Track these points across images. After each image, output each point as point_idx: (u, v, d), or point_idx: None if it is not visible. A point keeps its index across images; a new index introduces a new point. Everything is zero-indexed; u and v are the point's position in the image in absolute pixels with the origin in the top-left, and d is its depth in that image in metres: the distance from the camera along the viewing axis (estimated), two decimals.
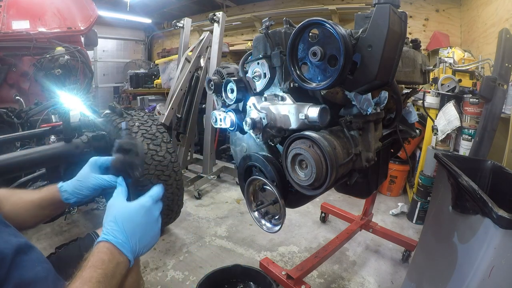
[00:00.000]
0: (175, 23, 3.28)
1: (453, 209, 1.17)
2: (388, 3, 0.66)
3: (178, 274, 1.83)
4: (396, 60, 0.74)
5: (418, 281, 1.43)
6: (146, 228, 0.69)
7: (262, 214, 1.00)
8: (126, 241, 0.63)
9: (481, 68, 2.30)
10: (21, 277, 0.47)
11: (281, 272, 1.57)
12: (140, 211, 0.69)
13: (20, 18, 2.47)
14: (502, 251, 0.87)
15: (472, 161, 1.49)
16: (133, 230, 0.66)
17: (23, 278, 0.47)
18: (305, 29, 0.72)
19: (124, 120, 1.80)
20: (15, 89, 2.58)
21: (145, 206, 0.71)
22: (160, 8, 5.69)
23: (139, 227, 0.67)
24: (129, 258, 0.64)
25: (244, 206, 2.71)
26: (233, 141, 1.12)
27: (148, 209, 0.71)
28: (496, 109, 1.85)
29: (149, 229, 0.70)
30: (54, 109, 2.01)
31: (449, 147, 2.37)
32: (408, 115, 1.28)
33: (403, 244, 1.95)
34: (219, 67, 1.11)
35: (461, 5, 3.35)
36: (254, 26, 4.98)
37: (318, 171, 0.72)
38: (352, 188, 1.22)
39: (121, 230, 0.64)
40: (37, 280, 0.49)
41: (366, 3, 3.64)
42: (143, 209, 0.70)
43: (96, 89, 6.24)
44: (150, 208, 0.72)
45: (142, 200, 0.73)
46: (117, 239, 0.63)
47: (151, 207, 0.72)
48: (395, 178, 2.95)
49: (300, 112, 0.79)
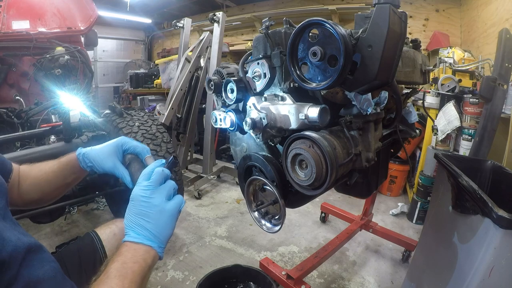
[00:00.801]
0: (175, 23, 3.28)
1: (453, 209, 1.17)
2: (388, 3, 0.66)
3: (178, 274, 1.83)
4: (396, 60, 0.74)
5: (418, 281, 1.43)
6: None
7: (262, 214, 1.00)
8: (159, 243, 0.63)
9: (481, 68, 2.30)
10: (30, 276, 0.46)
11: (281, 272, 1.57)
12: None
13: (20, 18, 2.47)
14: (502, 251, 0.87)
15: (472, 161, 1.49)
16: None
17: (32, 276, 0.47)
18: (305, 29, 0.72)
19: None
20: (15, 89, 2.58)
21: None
22: (160, 8, 5.69)
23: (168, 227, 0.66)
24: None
25: (244, 206, 2.70)
26: (233, 141, 1.12)
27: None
28: (496, 109, 1.85)
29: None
30: (54, 109, 2.01)
31: (449, 147, 2.37)
32: (408, 115, 1.28)
33: (403, 244, 1.95)
34: (219, 67, 1.11)
35: (461, 5, 3.35)
36: (254, 26, 4.98)
37: (318, 171, 0.72)
38: (352, 188, 1.22)
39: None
40: (45, 279, 0.49)
41: (366, 3, 3.64)
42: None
43: (96, 89, 6.24)
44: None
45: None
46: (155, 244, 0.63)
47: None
48: (395, 178, 2.95)
49: (300, 112, 0.79)
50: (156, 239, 0.62)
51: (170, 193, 0.68)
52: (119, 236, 0.96)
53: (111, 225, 0.99)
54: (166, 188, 0.67)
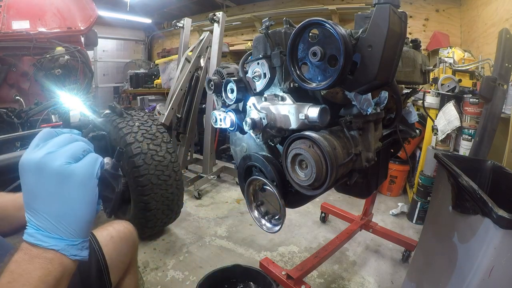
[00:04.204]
0: (175, 23, 3.28)
1: (453, 209, 1.17)
2: (388, 3, 0.66)
3: (178, 274, 1.83)
4: (396, 60, 0.73)
5: (418, 281, 1.43)
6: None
7: (262, 214, 1.00)
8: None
9: (481, 68, 2.30)
10: None
11: (281, 272, 1.57)
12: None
13: (20, 18, 2.47)
14: (502, 251, 0.87)
15: (472, 161, 1.49)
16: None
17: None
18: (305, 29, 0.72)
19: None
20: (15, 89, 2.58)
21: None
22: (160, 8, 5.69)
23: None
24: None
25: (244, 206, 2.70)
26: (233, 141, 1.12)
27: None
28: (496, 109, 1.85)
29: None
30: (54, 109, 2.01)
31: (449, 147, 2.37)
32: (408, 115, 1.28)
33: (403, 244, 1.95)
34: (219, 67, 1.11)
35: (461, 5, 3.35)
36: (254, 26, 4.98)
37: (318, 171, 0.72)
38: (352, 188, 1.22)
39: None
40: None
41: (366, 3, 3.64)
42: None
43: (96, 89, 6.24)
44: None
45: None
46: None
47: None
48: (395, 178, 2.95)
49: (300, 112, 0.79)
50: (64, 232, 0.41)
51: (76, 154, 0.44)
52: (116, 239, 0.96)
53: (108, 227, 0.99)
54: (70, 148, 0.44)
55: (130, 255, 1.02)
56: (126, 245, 0.99)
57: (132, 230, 1.04)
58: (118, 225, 1.01)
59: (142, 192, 1.78)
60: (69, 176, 0.42)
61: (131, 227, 1.05)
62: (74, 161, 0.43)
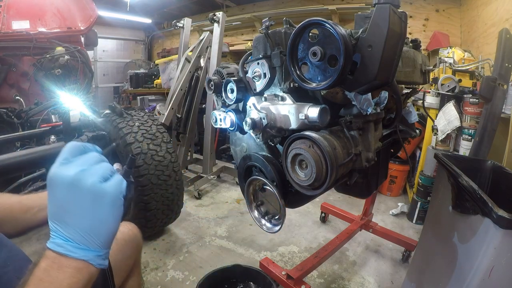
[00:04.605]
0: (175, 23, 3.28)
1: (453, 209, 1.17)
2: (388, 3, 0.66)
3: (178, 274, 1.83)
4: (396, 60, 0.73)
5: (418, 281, 1.43)
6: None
7: (262, 214, 1.00)
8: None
9: (481, 68, 2.30)
10: None
11: (281, 272, 1.57)
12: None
13: (20, 18, 2.47)
14: (502, 251, 0.87)
15: (472, 161, 1.49)
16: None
17: None
18: (305, 29, 0.72)
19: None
20: (15, 89, 2.58)
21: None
22: (160, 8, 5.69)
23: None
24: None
25: (244, 206, 2.70)
26: (233, 141, 1.12)
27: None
28: (496, 109, 1.85)
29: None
30: (54, 109, 2.02)
31: (449, 147, 2.37)
32: (408, 115, 1.28)
33: (403, 244, 1.95)
34: (219, 67, 1.11)
35: (461, 5, 3.35)
36: (254, 26, 4.98)
37: (318, 171, 0.72)
38: (352, 188, 1.22)
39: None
40: None
41: (366, 3, 3.64)
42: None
43: (96, 89, 6.24)
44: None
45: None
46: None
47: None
48: (395, 178, 2.95)
49: (300, 112, 0.79)
50: (92, 243, 0.44)
51: (106, 174, 0.48)
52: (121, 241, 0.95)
53: None
54: (100, 167, 0.48)
55: (134, 257, 1.02)
56: (131, 247, 0.99)
57: (137, 232, 1.04)
58: (123, 227, 1.00)
59: (142, 192, 1.78)
60: (103, 194, 0.45)
61: (136, 229, 1.05)
62: (104, 180, 0.47)
